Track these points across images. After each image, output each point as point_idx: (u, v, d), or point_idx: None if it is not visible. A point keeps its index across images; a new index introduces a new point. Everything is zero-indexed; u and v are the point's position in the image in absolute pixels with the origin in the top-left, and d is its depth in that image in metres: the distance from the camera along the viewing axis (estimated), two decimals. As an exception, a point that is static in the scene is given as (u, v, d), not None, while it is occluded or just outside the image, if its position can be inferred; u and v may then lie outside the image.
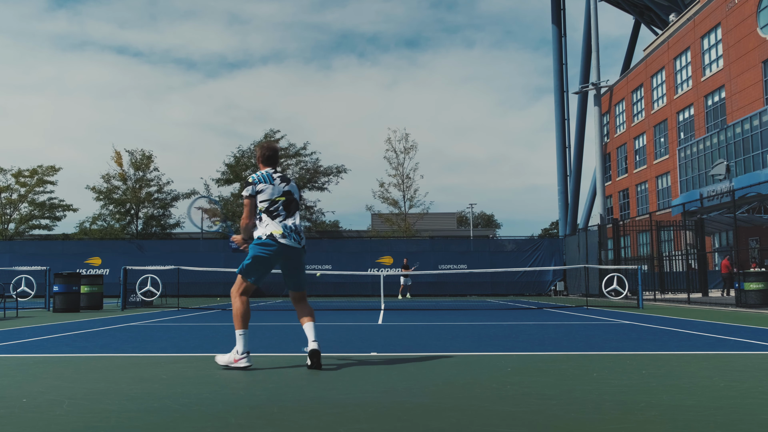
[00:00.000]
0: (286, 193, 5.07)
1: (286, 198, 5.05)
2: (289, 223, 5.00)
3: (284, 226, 4.97)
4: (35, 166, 41.80)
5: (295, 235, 4.98)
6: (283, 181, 5.10)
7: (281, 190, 5.04)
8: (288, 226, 4.98)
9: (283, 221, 4.98)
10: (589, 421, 3.06)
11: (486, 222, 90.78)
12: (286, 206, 5.04)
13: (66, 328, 9.41)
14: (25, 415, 3.24)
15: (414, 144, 43.08)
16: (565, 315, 12.76)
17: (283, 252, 4.93)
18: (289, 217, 5.03)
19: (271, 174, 5.09)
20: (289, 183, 5.13)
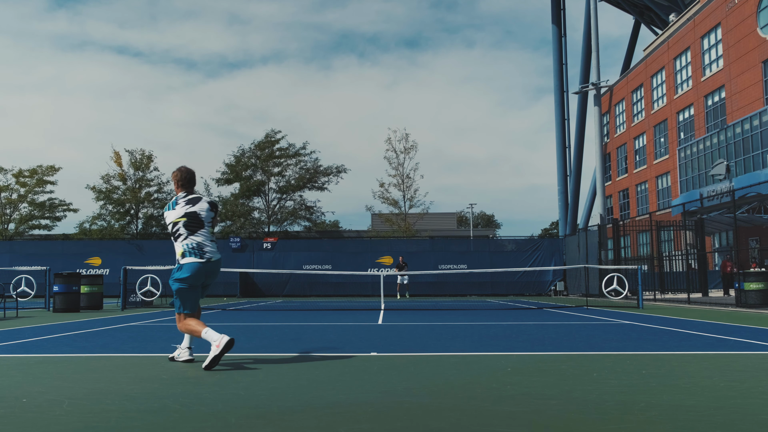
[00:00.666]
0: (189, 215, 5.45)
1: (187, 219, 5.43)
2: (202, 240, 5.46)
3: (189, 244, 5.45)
4: (35, 166, 41.80)
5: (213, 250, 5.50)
6: (189, 204, 5.46)
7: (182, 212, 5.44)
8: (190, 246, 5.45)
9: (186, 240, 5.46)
10: (589, 421, 3.06)
11: (486, 222, 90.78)
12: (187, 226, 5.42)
13: (66, 328, 9.41)
14: (25, 415, 3.24)
15: (414, 144, 43.08)
16: (565, 315, 12.76)
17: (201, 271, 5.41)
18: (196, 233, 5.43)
19: (177, 200, 5.51)
20: (195, 204, 5.47)
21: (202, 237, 5.37)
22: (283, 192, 43.00)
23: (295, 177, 43.00)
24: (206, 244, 5.36)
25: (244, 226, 42.51)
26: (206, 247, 5.35)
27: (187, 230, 5.35)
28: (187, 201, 5.47)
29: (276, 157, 42.68)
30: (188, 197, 5.52)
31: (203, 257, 5.30)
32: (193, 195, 5.55)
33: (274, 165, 42.75)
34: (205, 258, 5.31)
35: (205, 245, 5.35)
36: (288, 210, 43.50)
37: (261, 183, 42.69)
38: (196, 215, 5.41)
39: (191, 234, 5.35)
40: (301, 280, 29.89)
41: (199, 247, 5.31)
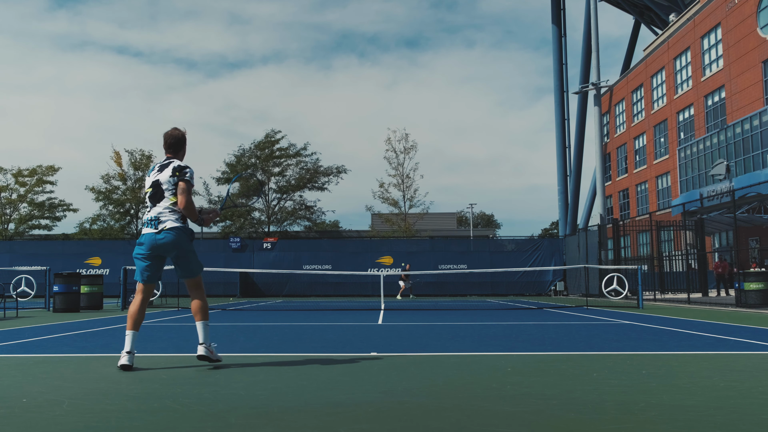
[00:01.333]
0: (154, 183, 5.02)
1: (152, 187, 5.02)
2: (148, 216, 5.02)
3: (144, 221, 5.08)
4: (35, 166, 41.81)
5: (152, 223, 4.96)
6: (160, 170, 5.05)
7: (151, 181, 5.05)
8: (145, 220, 5.04)
9: (146, 215, 5.08)
10: (589, 421, 3.06)
11: (486, 222, 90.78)
12: (151, 198, 5.03)
13: (66, 328, 9.41)
14: (25, 415, 3.24)
15: (414, 144, 43.12)
16: (565, 315, 12.76)
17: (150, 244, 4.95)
18: (152, 208, 5.00)
19: (154, 166, 5.14)
20: (163, 170, 5.02)
21: (160, 209, 4.95)
22: (283, 192, 43.02)
23: (296, 177, 43.01)
24: (164, 214, 4.93)
25: (243, 226, 42.51)
26: (163, 216, 4.91)
27: (151, 202, 5.02)
28: (160, 167, 5.09)
29: (276, 157, 42.69)
30: (163, 162, 5.12)
31: (157, 227, 4.90)
32: (168, 160, 5.12)
33: (274, 165, 42.76)
34: (159, 228, 4.89)
35: (162, 215, 4.92)
36: (288, 210, 43.51)
37: (261, 183, 42.70)
38: (158, 185, 5.00)
39: (153, 206, 4.99)
40: (301, 280, 29.88)
41: (155, 219, 4.92)
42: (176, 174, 4.96)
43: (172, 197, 4.96)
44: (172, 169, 4.99)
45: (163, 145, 5.16)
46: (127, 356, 4.78)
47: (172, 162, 5.05)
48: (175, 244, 4.92)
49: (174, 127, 5.20)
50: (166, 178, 4.97)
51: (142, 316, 4.96)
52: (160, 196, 4.96)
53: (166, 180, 4.97)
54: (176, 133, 5.16)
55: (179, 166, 5.01)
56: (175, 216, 4.93)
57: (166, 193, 4.95)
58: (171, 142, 5.12)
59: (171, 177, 4.97)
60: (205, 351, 5.00)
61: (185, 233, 4.97)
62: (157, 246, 4.91)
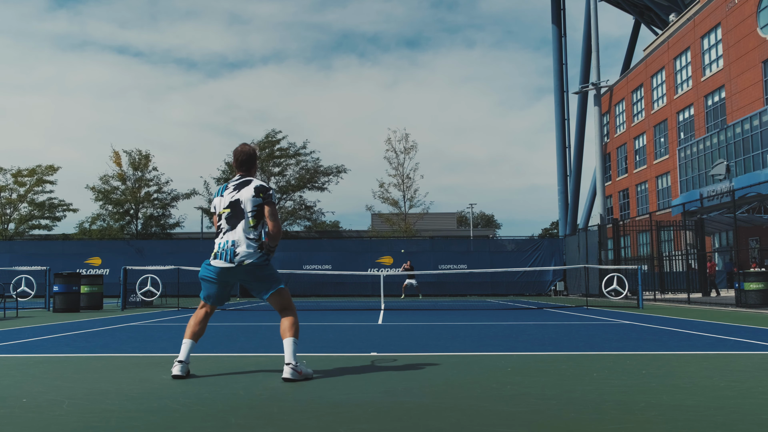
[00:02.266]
0: (232, 204, 4.61)
1: (231, 210, 4.61)
2: (224, 240, 4.58)
3: (218, 244, 4.60)
4: (34, 166, 41.81)
5: (228, 252, 4.54)
6: (237, 189, 4.64)
7: (228, 201, 4.63)
8: (221, 245, 4.59)
9: (221, 238, 4.61)
10: (589, 421, 3.06)
11: (486, 222, 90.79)
12: (228, 219, 4.60)
13: (66, 328, 9.41)
14: (25, 415, 3.24)
15: (414, 144, 43.14)
16: (565, 315, 12.76)
17: (219, 273, 4.56)
18: (230, 231, 4.58)
19: (228, 183, 4.76)
20: (242, 189, 4.62)
21: (238, 234, 4.54)
22: (283, 192, 43.01)
23: (296, 177, 43.01)
24: (242, 241, 4.52)
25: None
26: (239, 247, 4.51)
27: (228, 224, 4.58)
28: (236, 186, 4.66)
29: (276, 157, 42.68)
30: (239, 181, 4.68)
31: (233, 260, 4.49)
32: (245, 178, 4.69)
33: (274, 165, 42.76)
34: (236, 261, 4.49)
35: (239, 242, 4.52)
36: (288, 210, 43.50)
37: None
38: (239, 204, 4.58)
39: (230, 228, 4.56)
40: (300, 280, 29.88)
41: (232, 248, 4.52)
42: (260, 195, 4.57)
43: (253, 220, 4.56)
44: (254, 189, 4.59)
45: (234, 164, 4.77)
46: (181, 366, 4.49)
47: (252, 181, 4.66)
48: (249, 274, 4.55)
49: (243, 143, 4.82)
50: (247, 198, 4.57)
51: (201, 329, 4.65)
52: (239, 217, 4.57)
53: (247, 199, 4.57)
54: (248, 149, 4.78)
55: (263, 186, 4.64)
56: (255, 245, 4.55)
57: (248, 215, 4.55)
58: (243, 159, 4.73)
59: (254, 197, 4.57)
60: (291, 373, 4.33)
61: (259, 263, 4.55)
62: (228, 274, 4.55)
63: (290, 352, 4.39)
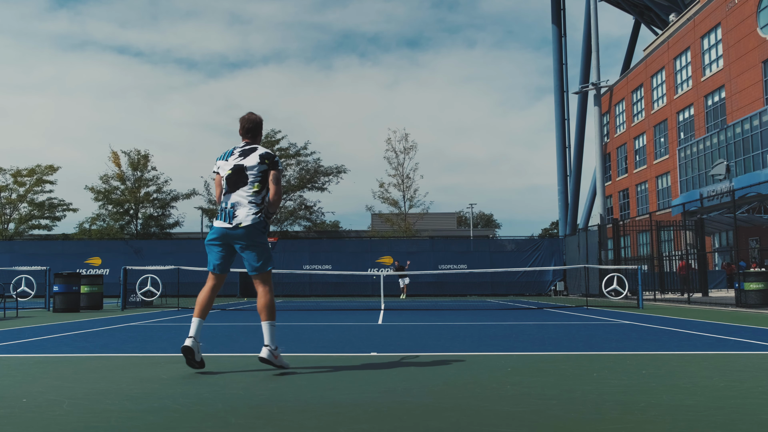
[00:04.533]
0: (236, 168, 4.74)
1: (232, 171, 4.74)
2: (225, 203, 4.73)
3: (220, 206, 4.77)
4: (34, 166, 41.80)
5: (228, 213, 4.69)
6: (242, 155, 4.78)
7: (232, 165, 4.76)
8: (222, 206, 4.75)
9: (223, 201, 4.76)
10: (589, 421, 3.06)
11: (486, 222, 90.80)
12: (232, 183, 4.74)
13: (66, 328, 9.41)
14: (25, 415, 3.24)
15: (414, 144, 43.20)
16: (565, 315, 12.76)
17: (220, 234, 4.71)
18: (231, 194, 4.73)
19: (234, 149, 4.86)
20: (247, 156, 4.76)
21: (239, 197, 4.69)
22: (283, 192, 43.03)
23: (296, 177, 43.00)
24: (242, 204, 4.67)
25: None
26: (239, 209, 4.66)
27: (228, 186, 4.73)
28: (241, 152, 4.81)
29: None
30: (245, 147, 4.84)
31: (231, 221, 4.65)
32: (251, 145, 4.85)
33: (274, 164, 42.76)
34: (234, 223, 4.64)
35: (240, 205, 4.67)
36: (288, 210, 43.49)
37: None
38: (242, 170, 4.72)
39: (231, 191, 4.72)
40: (301, 280, 29.89)
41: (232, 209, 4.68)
42: (266, 161, 4.73)
43: (257, 185, 4.71)
44: (260, 156, 4.74)
45: (240, 130, 4.90)
46: (190, 340, 4.58)
47: (257, 148, 4.81)
48: (246, 237, 4.67)
49: (250, 112, 4.94)
50: (253, 164, 4.72)
51: (209, 304, 4.75)
52: (241, 182, 4.71)
53: (252, 166, 4.71)
54: (254, 118, 4.91)
55: (269, 153, 4.80)
56: (255, 209, 4.68)
57: (250, 179, 4.70)
58: (249, 127, 4.87)
59: (260, 164, 4.72)
60: (268, 354, 4.58)
61: (258, 227, 4.68)
62: (227, 236, 4.69)
63: (268, 334, 4.60)
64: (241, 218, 4.65)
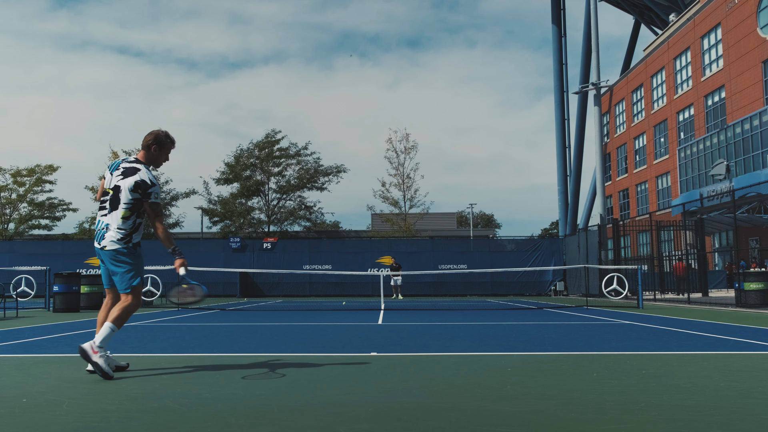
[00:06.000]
0: (115, 188, 4.64)
1: (113, 192, 4.64)
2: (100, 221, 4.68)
3: (97, 222, 4.73)
4: (33, 166, 41.81)
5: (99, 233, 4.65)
6: (123, 174, 4.64)
7: (113, 183, 4.65)
8: (98, 224, 4.70)
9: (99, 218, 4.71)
10: (589, 421, 3.06)
11: (486, 222, 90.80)
12: (109, 201, 4.64)
13: (66, 328, 9.41)
14: (25, 415, 3.24)
15: (414, 144, 43.15)
16: (565, 315, 12.76)
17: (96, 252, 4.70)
18: (107, 213, 4.63)
19: (123, 161, 4.74)
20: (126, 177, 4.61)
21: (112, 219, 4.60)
22: (283, 192, 42.99)
23: (295, 177, 42.99)
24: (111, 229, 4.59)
25: (243, 226, 42.50)
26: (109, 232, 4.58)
27: (108, 206, 4.63)
28: (125, 170, 4.65)
29: (276, 157, 42.66)
30: (130, 165, 4.68)
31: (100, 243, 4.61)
32: (135, 165, 4.67)
33: (274, 165, 42.74)
34: (101, 245, 4.60)
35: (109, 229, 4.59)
36: (288, 210, 43.49)
37: (260, 183, 42.69)
38: (118, 191, 4.61)
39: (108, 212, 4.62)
40: (301, 280, 29.89)
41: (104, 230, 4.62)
42: (138, 190, 4.57)
43: (126, 211, 4.58)
44: (134, 183, 4.57)
45: (143, 142, 4.77)
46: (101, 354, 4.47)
47: (138, 171, 4.62)
48: (110, 262, 4.61)
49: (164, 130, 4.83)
50: (127, 188, 4.58)
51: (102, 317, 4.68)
52: (115, 203, 4.60)
53: (126, 189, 4.59)
54: (156, 132, 4.78)
55: (144, 182, 4.58)
56: (121, 234, 4.58)
57: (123, 205, 4.58)
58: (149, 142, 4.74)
59: (132, 191, 4.58)
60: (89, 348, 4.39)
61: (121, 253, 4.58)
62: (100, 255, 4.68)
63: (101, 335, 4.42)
64: (108, 240, 4.60)
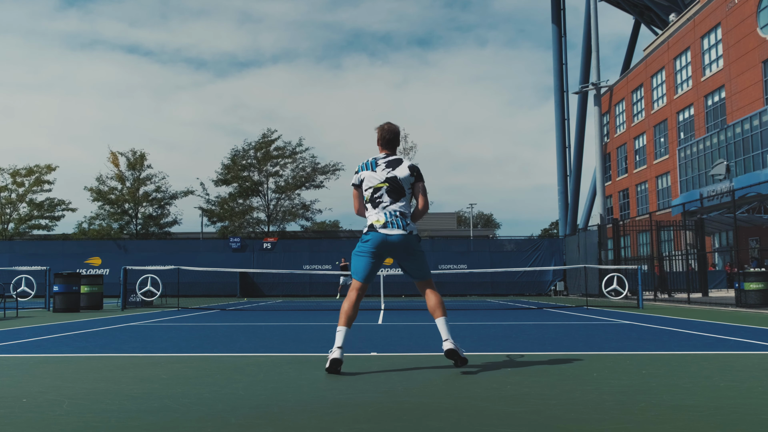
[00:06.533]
0: (390, 180, 4.83)
1: (390, 185, 4.82)
2: (389, 211, 4.78)
3: (385, 214, 4.77)
4: (32, 166, 41.81)
5: (398, 221, 4.76)
6: (389, 166, 4.87)
7: (384, 177, 4.84)
8: (389, 214, 4.77)
9: (386, 209, 4.79)
10: (589, 421, 3.06)
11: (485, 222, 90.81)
12: (389, 193, 4.81)
13: (66, 328, 9.41)
14: (25, 415, 3.24)
15: (413, 145, 43.11)
16: (565, 315, 12.76)
17: (383, 243, 4.73)
18: (393, 203, 4.80)
19: (376, 160, 4.92)
20: (395, 168, 4.86)
21: (398, 207, 4.79)
22: (281, 191, 42.97)
23: (293, 176, 42.96)
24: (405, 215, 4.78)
25: (242, 226, 42.49)
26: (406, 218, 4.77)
27: (390, 198, 4.80)
28: (387, 163, 4.89)
29: (273, 157, 42.63)
30: (389, 159, 4.92)
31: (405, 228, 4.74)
32: (394, 157, 4.93)
33: (271, 165, 42.71)
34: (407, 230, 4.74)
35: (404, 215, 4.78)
36: (286, 209, 43.45)
37: (258, 183, 42.67)
38: (397, 181, 4.83)
39: (394, 202, 4.79)
40: (301, 280, 29.89)
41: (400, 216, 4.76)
42: (414, 174, 4.86)
43: (410, 197, 4.88)
44: (408, 168, 4.87)
45: (379, 141, 4.98)
46: (338, 351, 4.57)
47: (402, 160, 4.91)
48: (407, 247, 4.75)
49: (389, 122, 5.00)
50: (404, 176, 4.83)
51: (354, 313, 4.75)
52: (399, 192, 4.81)
53: (404, 177, 4.83)
54: (394, 128, 4.99)
55: (414, 166, 4.91)
56: (406, 221, 4.78)
57: (408, 191, 4.85)
58: (389, 137, 4.96)
59: (409, 176, 4.84)
60: (453, 345, 4.71)
61: (416, 237, 4.83)
62: (387, 245, 4.73)
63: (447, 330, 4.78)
64: (411, 226, 4.79)
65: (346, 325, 4.67)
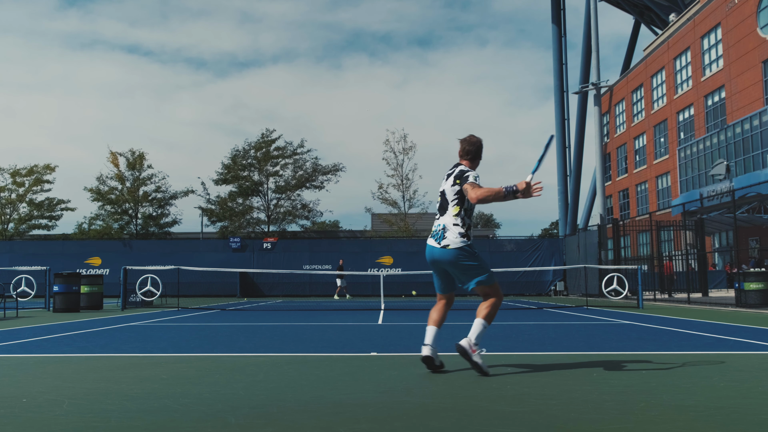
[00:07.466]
0: (441, 193, 4.88)
1: (440, 198, 4.87)
2: (436, 224, 4.82)
3: (435, 225, 4.84)
4: (32, 165, 41.80)
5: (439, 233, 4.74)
6: (445, 179, 4.88)
7: (440, 190, 4.91)
8: (435, 227, 4.82)
9: (436, 220, 4.88)
10: (589, 421, 3.06)
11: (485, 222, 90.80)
12: (439, 207, 4.88)
13: (66, 328, 9.41)
14: (25, 415, 3.24)
15: (413, 145, 43.17)
16: (565, 315, 12.76)
17: (430, 253, 4.79)
18: (440, 217, 4.82)
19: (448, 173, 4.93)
20: (446, 180, 4.86)
21: (444, 221, 4.74)
22: (281, 191, 42.96)
23: (293, 176, 42.95)
24: (449, 229, 4.68)
25: (242, 226, 42.50)
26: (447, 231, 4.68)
27: (439, 212, 4.83)
28: (447, 175, 4.87)
29: (273, 157, 42.63)
30: (449, 170, 4.89)
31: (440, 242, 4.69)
32: (453, 168, 4.87)
33: (271, 165, 42.71)
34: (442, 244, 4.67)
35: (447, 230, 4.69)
36: (286, 209, 43.44)
37: (258, 183, 42.68)
38: (444, 194, 4.82)
39: (441, 215, 4.79)
40: (301, 280, 29.89)
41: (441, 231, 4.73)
42: (456, 182, 4.73)
43: (456, 207, 4.72)
44: (453, 177, 4.78)
45: (461, 152, 4.93)
46: (427, 348, 4.69)
47: (456, 168, 4.82)
48: (452, 263, 4.69)
49: (471, 135, 4.95)
50: (449, 187, 4.78)
51: (438, 315, 4.83)
52: (444, 207, 4.79)
53: (448, 189, 4.78)
54: (475, 140, 4.93)
55: (460, 171, 4.77)
56: (458, 232, 4.67)
57: (450, 205, 4.74)
58: (466, 149, 4.89)
59: (453, 186, 4.75)
60: (467, 345, 4.59)
61: (463, 253, 4.64)
62: (434, 260, 4.77)
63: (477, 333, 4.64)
64: (448, 240, 4.68)
65: (433, 325, 4.82)
